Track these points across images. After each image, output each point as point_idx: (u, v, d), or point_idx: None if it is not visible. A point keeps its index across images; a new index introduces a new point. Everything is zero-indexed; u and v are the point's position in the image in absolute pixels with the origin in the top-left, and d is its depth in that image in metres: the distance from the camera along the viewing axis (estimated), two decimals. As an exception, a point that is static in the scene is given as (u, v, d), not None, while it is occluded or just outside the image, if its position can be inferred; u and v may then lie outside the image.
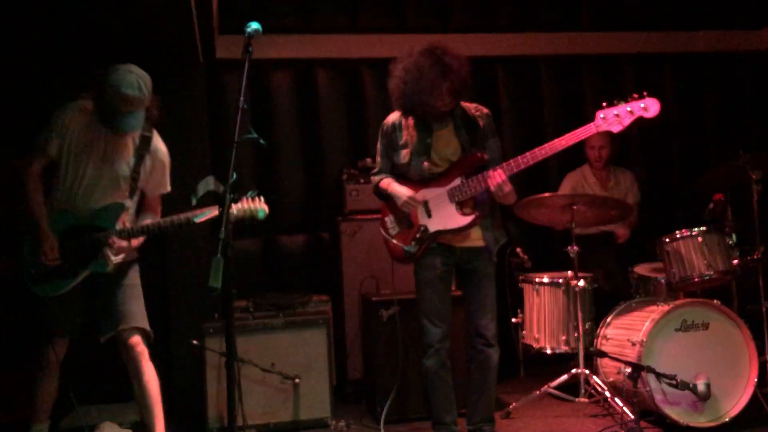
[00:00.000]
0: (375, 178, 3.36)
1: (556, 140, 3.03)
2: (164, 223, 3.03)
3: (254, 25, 2.48)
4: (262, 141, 2.43)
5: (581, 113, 5.24)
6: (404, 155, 3.21)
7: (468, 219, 3.11)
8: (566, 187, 4.69)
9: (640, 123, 2.99)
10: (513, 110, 5.18)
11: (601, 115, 3.07)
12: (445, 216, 3.13)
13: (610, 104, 3.08)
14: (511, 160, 3.03)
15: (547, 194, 3.84)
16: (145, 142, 3.04)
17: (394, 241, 3.25)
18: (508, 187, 3.02)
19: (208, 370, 3.71)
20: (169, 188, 3.21)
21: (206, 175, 4.37)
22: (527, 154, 3.02)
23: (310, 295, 4.28)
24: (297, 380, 3.74)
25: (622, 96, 3.10)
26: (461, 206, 3.13)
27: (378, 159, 3.37)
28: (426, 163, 3.17)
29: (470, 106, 3.24)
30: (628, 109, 3.05)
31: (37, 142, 2.93)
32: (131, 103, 2.81)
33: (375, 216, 4.36)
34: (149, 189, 3.15)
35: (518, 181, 4.92)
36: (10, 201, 3.27)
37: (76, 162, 2.95)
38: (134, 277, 3.12)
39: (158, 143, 3.12)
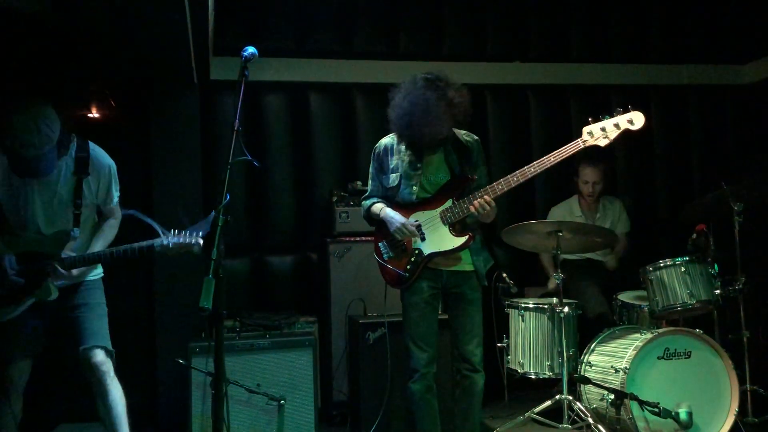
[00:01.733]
0: (366, 203, 3.39)
1: (545, 157, 3.07)
2: (116, 251, 2.96)
3: (251, 49, 2.52)
4: (256, 162, 2.47)
5: (568, 141, 5.34)
6: (393, 179, 3.26)
7: (462, 240, 3.14)
8: (554, 218, 4.75)
9: (625, 145, 3.02)
10: (501, 137, 5.26)
11: (588, 131, 3.12)
12: (439, 238, 3.16)
13: (596, 119, 3.12)
14: (501, 180, 3.08)
15: (533, 221, 3.89)
16: (82, 165, 2.96)
17: (389, 266, 3.26)
18: (491, 206, 3.08)
19: (194, 389, 3.69)
20: (116, 201, 3.14)
21: (197, 194, 4.46)
22: (517, 172, 3.07)
23: (297, 315, 4.30)
24: (282, 401, 3.73)
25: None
26: (453, 228, 3.17)
27: (369, 182, 3.42)
28: (414, 188, 3.21)
29: (461, 132, 3.31)
30: (614, 123, 3.08)
31: None
32: (30, 146, 2.72)
33: (364, 238, 4.42)
34: (101, 204, 3.10)
35: (506, 209, 5.01)
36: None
37: (13, 194, 2.90)
38: (95, 295, 3.08)
39: (100, 158, 3.04)
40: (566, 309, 3.90)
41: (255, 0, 4.86)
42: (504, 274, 4.22)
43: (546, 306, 4.07)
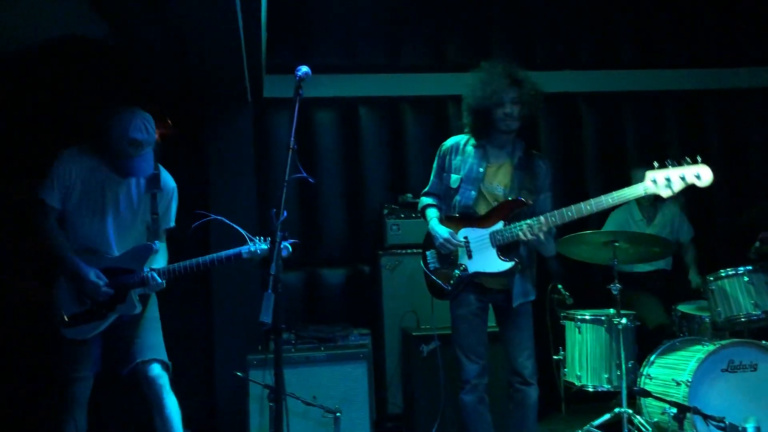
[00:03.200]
0: (423, 200, 3.41)
1: (603, 197, 3.01)
2: (207, 260, 3.01)
3: (304, 69, 2.57)
4: (311, 179, 2.50)
5: (622, 150, 5.26)
6: (455, 180, 3.24)
7: (507, 265, 3.10)
8: (611, 224, 4.66)
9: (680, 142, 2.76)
10: (552, 146, 5.21)
11: (652, 178, 2.97)
12: (485, 258, 3.14)
13: (662, 166, 2.97)
14: (555, 212, 3.02)
15: (588, 231, 3.83)
16: (154, 180, 3.04)
17: (433, 276, 3.27)
18: (551, 245, 3.06)
19: (251, 402, 3.74)
20: (173, 223, 3.19)
21: (252, 211, 4.55)
22: (572, 207, 3.01)
23: (350, 328, 4.33)
24: (338, 414, 3.75)
25: (666, 134, 3.08)
26: (502, 251, 3.13)
27: (432, 177, 3.41)
28: (473, 193, 3.19)
29: (535, 153, 3.26)
30: (681, 175, 2.92)
31: (39, 196, 2.89)
32: (140, 145, 2.86)
33: (415, 250, 4.41)
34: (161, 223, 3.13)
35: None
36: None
37: (83, 208, 2.93)
38: (152, 309, 3.12)
39: (166, 178, 3.12)
40: (624, 320, 3.82)
41: (304, 18, 4.96)
42: (559, 286, 4.16)
43: (603, 317, 3.99)
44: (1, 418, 4.01)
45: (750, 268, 3.66)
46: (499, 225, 3.12)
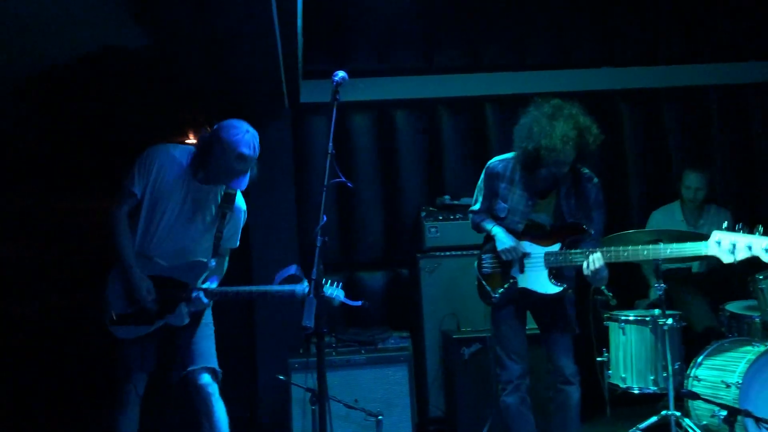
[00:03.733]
0: (475, 218, 3.38)
1: (661, 246, 3.04)
2: (243, 292, 3.05)
3: (341, 74, 2.60)
4: (350, 184, 2.52)
5: (665, 147, 5.16)
6: (502, 210, 3.25)
7: (557, 289, 3.12)
8: (653, 225, 4.58)
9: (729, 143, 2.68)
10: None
11: (717, 239, 2.85)
12: (536, 277, 3.15)
13: (731, 228, 2.86)
14: (612, 248, 3.02)
15: (631, 230, 3.77)
16: (229, 200, 3.05)
17: (484, 282, 3.29)
18: (604, 273, 3.03)
19: (294, 405, 3.79)
20: (237, 244, 3.22)
21: (291, 216, 4.59)
22: (629, 248, 3.04)
23: (390, 331, 4.33)
24: (380, 417, 3.76)
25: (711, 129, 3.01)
26: (553, 273, 3.13)
27: (478, 197, 3.38)
28: (520, 226, 3.20)
29: (584, 174, 3.22)
30: (748, 245, 2.77)
31: (123, 182, 2.94)
32: (247, 162, 2.89)
33: (454, 253, 4.41)
34: (224, 244, 3.13)
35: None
36: (99, 241, 3.27)
37: (156, 206, 2.95)
38: (207, 315, 3.14)
39: (240, 202, 3.13)
40: (670, 321, 3.74)
41: (339, 23, 4.99)
42: (602, 287, 4.09)
43: (648, 318, 3.91)
44: (58, 417, 4.13)
45: (801, 265, 3.54)
46: (556, 247, 3.12)
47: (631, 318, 3.99)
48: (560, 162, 3.04)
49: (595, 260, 2.99)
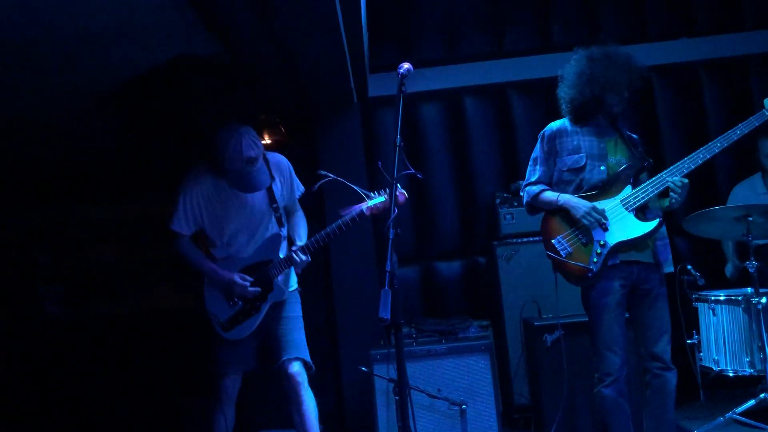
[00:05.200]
0: (533, 189, 3.24)
1: (730, 131, 2.97)
2: (336, 227, 3.07)
3: (406, 65, 2.59)
4: (419, 174, 2.52)
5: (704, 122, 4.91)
6: (579, 159, 3.12)
7: (653, 224, 3.01)
8: (734, 200, 4.36)
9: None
10: (672, 119, 4.94)
11: None
12: (625, 226, 3.02)
13: None
14: (686, 158, 2.98)
15: (717, 207, 3.60)
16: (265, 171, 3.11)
17: (571, 261, 3.09)
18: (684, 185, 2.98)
19: (377, 396, 3.83)
20: (302, 188, 3.31)
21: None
22: (702, 149, 2.98)
23: (470, 320, 4.32)
24: (464, 406, 3.76)
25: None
26: (638, 214, 3.04)
27: (535, 167, 3.27)
28: (603, 168, 3.09)
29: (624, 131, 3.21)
30: None
31: (168, 227, 3.10)
32: (255, 161, 2.98)
33: (532, 239, 4.35)
34: (288, 202, 3.28)
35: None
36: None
37: (218, 222, 3.11)
38: (296, 309, 3.24)
39: (273, 158, 3.19)
40: (764, 299, 3.56)
41: (403, 15, 4.99)
42: (689, 266, 3.94)
43: (740, 297, 3.74)
44: (153, 416, 4.35)
45: None
46: (627, 190, 3.05)
47: (722, 298, 3.83)
48: (621, 101, 3.06)
49: (677, 174, 2.96)
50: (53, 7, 2.80)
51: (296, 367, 3.11)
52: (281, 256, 3.15)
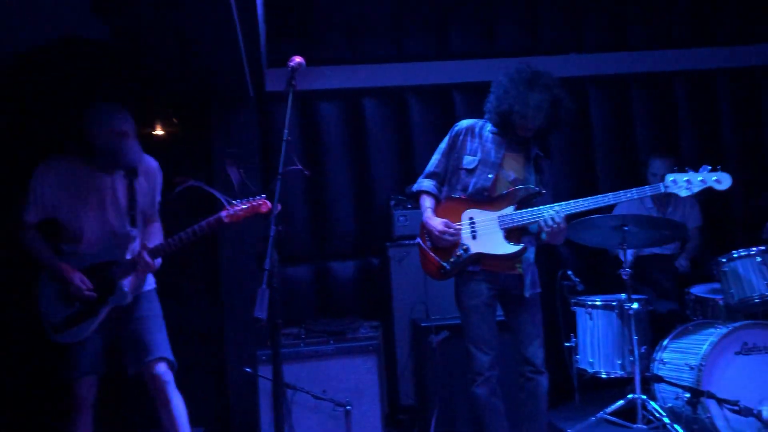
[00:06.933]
0: (423, 184, 3.34)
1: (622, 192, 3.09)
2: (190, 232, 2.98)
3: (297, 59, 2.57)
4: (306, 171, 2.49)
5: (632, 133, 5.17)
6: (472, 161, 3.21)
7: (515, 248, 3.10)
8: (621, 210, 4.59)
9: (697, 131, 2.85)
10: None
11: (672, 178, 3.09)
12: (491, 241, 3.12)
13: (681, 170, 3.10)
14: (572, 201, 3.07)
15: (597, 215, 3.78)
16: (133, 170, 3.05)
17: (432, 253, 3.22)
18: (564, 226, 3.04)
19: (262, 397, 3.76)
20: (158, 197, 3.20)
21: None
22: (590, 198, 3.07)
23: (360, 321, 4.31)
24: (348, 407, 3.75)
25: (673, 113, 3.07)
26: (509, 234, 3.12)
27: (437, 157, 3.35)
28: (490, 176, 3.17)
29: (541, 155, 3.29)
30: (699, 178, 3.07)
31: (18, 215, 2.95)
32: (127, 135, 2.88)
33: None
34: (146, 207, 3.15)
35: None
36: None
37: (72, 212, 2.97)
38: (153, 307, 3.13)
39: (146, 160, 3.11)
40: (636, 305, 3.77)
41: (305, 11, 4.92)
42: (569, 272, 4.11)
43: (614, 303, 3.94)
44: (8, 422, 4.05)
45: (763, 248, 3.59)
46: (509, 209, 3.12)
47: (598, 303, 4.01)
48: (527, 128, 3.12)
49: (554, 215, 3.01)
50: None
51: (162, 368, 3.00)
52: (128, 257, 3.00)
